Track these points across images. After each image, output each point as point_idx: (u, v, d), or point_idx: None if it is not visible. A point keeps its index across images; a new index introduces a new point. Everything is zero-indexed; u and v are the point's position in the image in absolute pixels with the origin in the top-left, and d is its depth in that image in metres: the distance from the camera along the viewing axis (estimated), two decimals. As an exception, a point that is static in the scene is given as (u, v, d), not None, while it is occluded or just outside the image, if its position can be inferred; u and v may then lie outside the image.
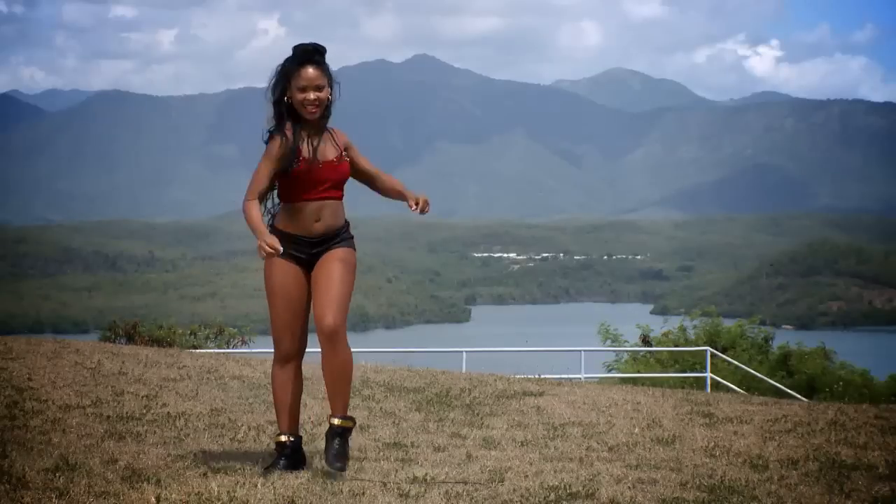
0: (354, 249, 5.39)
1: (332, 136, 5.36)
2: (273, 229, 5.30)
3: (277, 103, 5.28)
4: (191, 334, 21.39)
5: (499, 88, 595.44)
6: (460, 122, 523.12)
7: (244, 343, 21.65)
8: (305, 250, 5.29)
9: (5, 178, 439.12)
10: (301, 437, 5.41)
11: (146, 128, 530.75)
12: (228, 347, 20.23)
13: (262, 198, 5.28)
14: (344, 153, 5.34)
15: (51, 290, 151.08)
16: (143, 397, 7.33)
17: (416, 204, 5.31)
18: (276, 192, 5.35)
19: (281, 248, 5.07)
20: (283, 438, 5.31)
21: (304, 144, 5.26)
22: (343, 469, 5.15)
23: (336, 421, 5.21)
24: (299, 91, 5.21)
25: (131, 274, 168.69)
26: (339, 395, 5.25)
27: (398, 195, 5.47)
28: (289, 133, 5.24)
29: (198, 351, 13.64)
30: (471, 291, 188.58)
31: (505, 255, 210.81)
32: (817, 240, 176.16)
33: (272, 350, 5.42)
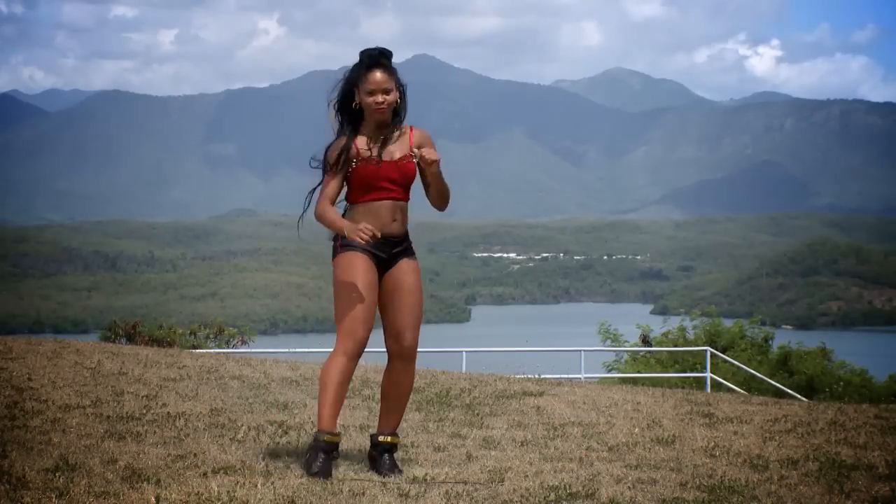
0: None
1: (405, 135, 5.30)
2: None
3: (342, 109, 5.29)
4: (191, 334, 21.42)
5: (499, 88, 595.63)
6: (460, 122, 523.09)
7: (244, 343, 21.68)
8: (387, 250, 5.23)
9: (5, 178, 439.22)
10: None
11: (146, 128, 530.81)
12: (228, 347, 20.24)
13: (333, 202, 5.26)
14: (413, 153, 5.25)
15: (51, 290, 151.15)
16: (143, 397, 7.32)
17: (420, 157, 5.20)
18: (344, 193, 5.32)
19: (378, 233, 5.03)
20: (334, 437, 5.12)
21: (369, 144, 5.25)
22: (401, 473, 5.21)
23: (384, 438, 5.27)
24: (367, 95, 5.20)
25: (131, 274, 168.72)
26: (396, 412, 5.32)
27: (425, 181, 5.32)
28: (344, 138, 5.27)
29: (198, 351, 13.63)
30: (471, 291, 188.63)
31: (505, 255, 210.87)
32: (817, 240, 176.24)
33: (272, 350, 5.42)
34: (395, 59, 5.30)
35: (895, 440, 6.62)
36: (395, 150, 5.26)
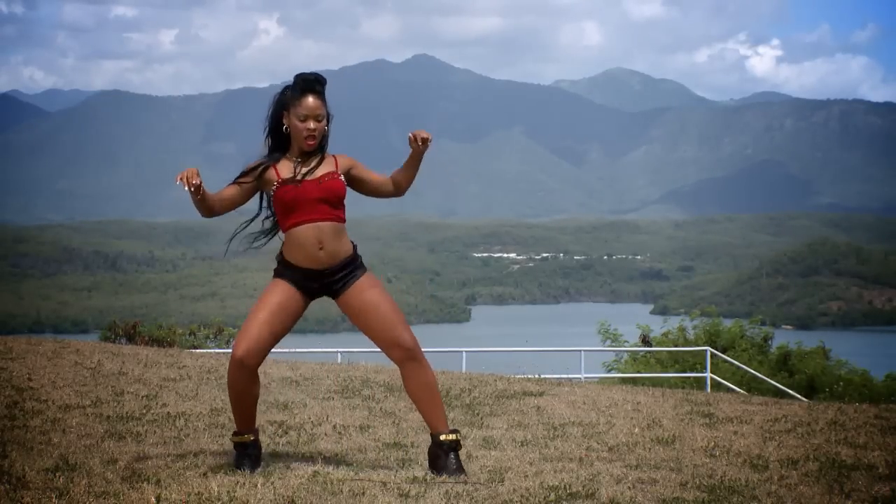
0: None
1: (328, 161, 5.26)
2: (281, 258, 5.26)
3: (274, 132, 5.24)
4: (191, 334, 21.43)
5: (499, 88, 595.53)
6: (460, 122, 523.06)
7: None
8: (317, 280, 5.20)
9: (5, 178, 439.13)
10: (257, 436, 5.33)
11: (146, 128, 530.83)
12: (228, 347, 20.25)
13: (216, 202, 5.23)
14: (338, 173, 5.20)
15: (51, 290, 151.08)
16: (143, 397, 7.33)
17: (415, 139, 5.17)
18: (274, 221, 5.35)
19: (197, 180, 4.98)
20: (246, 437, 5.25)
21: (289, 167, 5.19)
22: (465, 474, 5.20)
23: (446, 437, 5.24)
24: (299, 120, 5.15)
25: (131, 274, 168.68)
26: (436, 410, 5.26)
27: (409, 162, 5.31)
28: (260, 163, 5.23)
29: (198, 351, 13.64)
30: (471, 291, 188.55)
31: (505, 255, 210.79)
32: (817, 240, 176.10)
33: (273, 350, 5.39)
34: (395, 59, 5.32)
35: (895, 440, 6.62)
36: (317, 172, 5.20)
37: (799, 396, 18.08)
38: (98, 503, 4.53)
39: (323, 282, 5.21)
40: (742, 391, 16.82)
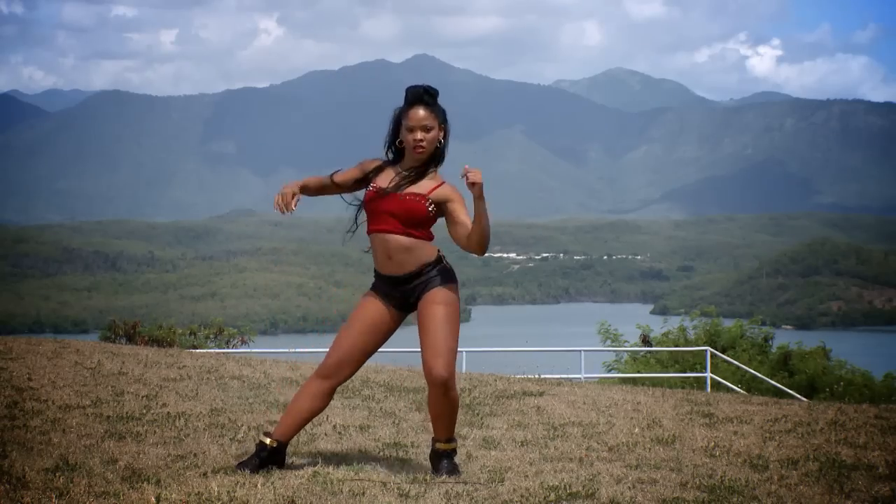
0: (455, 284, 5.28)
1: (432, 181, 5.25)
2: (375, 271, 5.35)
3: (391, 146, 5.34)
4: (191, 334, 21.41)
5: (499, 88, 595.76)
6: (460, 122, 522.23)
7: (244, 343, 21.67)
8: (391, 289, 5.26)
9: (5, 178, 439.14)
10: (285, 446, 5.32)
11: (146, 127, 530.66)
12: (228, 347, 20.24)
13: (332, 181, 5.37)
14: (427, 197, 5.19)
15: (51, 290, 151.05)
16: (143, 397, 7.32)
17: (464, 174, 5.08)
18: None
19: (291, 206, 5.22)
20: (269, 441, 5.24)
21: (390, 176, 5.27)
22: (459, 474, 5.30)
23: (442, 445, 5.34)
24: (408, 132, 5.21)
25: (131, 274, 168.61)
26: (446, 425, 5.34)
27: (474, 209, 5.18)
28: (382, 161, 5.33)
29: (198, 351, 13.63)
30: (471, 291, 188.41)
31: (505, 255, 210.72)
32: (817, 240, 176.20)
33: (272, 350, 5.42)
34: (395, 59, 5.28)
35: (895, 440, 6.62)
36: (410, 189, 5.22)
37: (799, 396, 18.07)
38: (98, 503, 4.53)
39: (400, 289, 5.26)
40: (742, 391, 16.81)
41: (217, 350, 17.41)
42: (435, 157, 5.30)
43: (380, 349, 5.38)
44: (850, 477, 5.50)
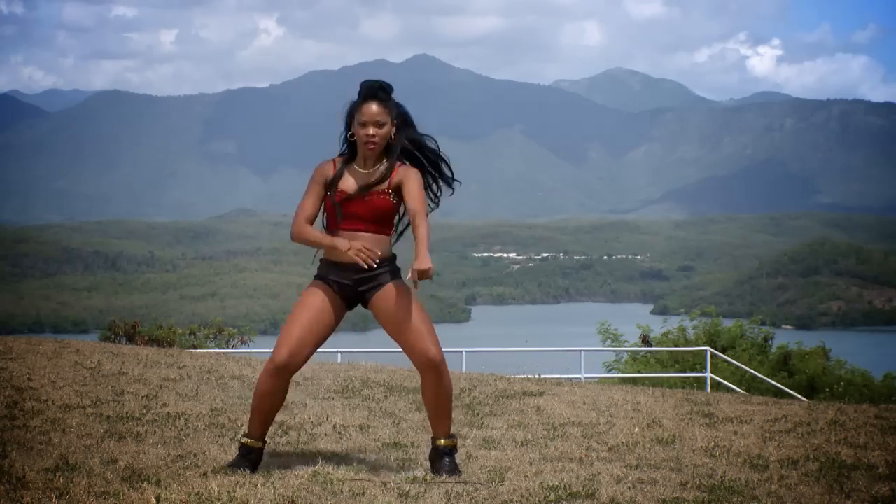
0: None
1: (389, 170, 5.27)
2: (323, 256, 5.32)
3: (345, 140, 5.33)
4: (191, 334, 21.43)
5: (499, 88, 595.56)
6: (460, 122, 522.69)
7: (244, 343, 21.70)
8: (346, 277, 5.24)
9: (5, 178, 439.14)
10: (265, 444, 5.34)
11: (146, 128, 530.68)
12: (228, 347, 20.27)
13: (311, 222, 5.29)
14: (389, 190, 5.23)
15: (51, 290, 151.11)
16: (143, 397, 7.32)
17: (413, 273, 5.06)
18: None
19: (377, 251, 5.13)
20: (251, 442, 5.25)
21: (352, 176, 5.26)
22: (460, 474, 5.28)
23: (443, 441, 5.34)
24: (360, 126, 5.22)
25: (131, 274, 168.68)
26: (443, 417, 5.34)
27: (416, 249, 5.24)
28: (337, 162, 5.30)
29: (198, 351, 13.63)
30: (471, 291, 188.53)
31: (505, 255, 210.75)
32: (817, 240, 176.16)
33: (272, 350, 5.39)
34: (395, 59, 5.32)
35: (895, 440, 6.62)
36: (373, 188, 5.24)
37: (799, 396, 18.07)
38: (98, 503, 4.53)
39: (356, 278, 5.23)
40: (742, 391, 16.82)
41: (217, 350, 17.42)
42: (387, 152, 5.31)
43: (380, 349, 5.37)
44: (850, 477, 5.50)
